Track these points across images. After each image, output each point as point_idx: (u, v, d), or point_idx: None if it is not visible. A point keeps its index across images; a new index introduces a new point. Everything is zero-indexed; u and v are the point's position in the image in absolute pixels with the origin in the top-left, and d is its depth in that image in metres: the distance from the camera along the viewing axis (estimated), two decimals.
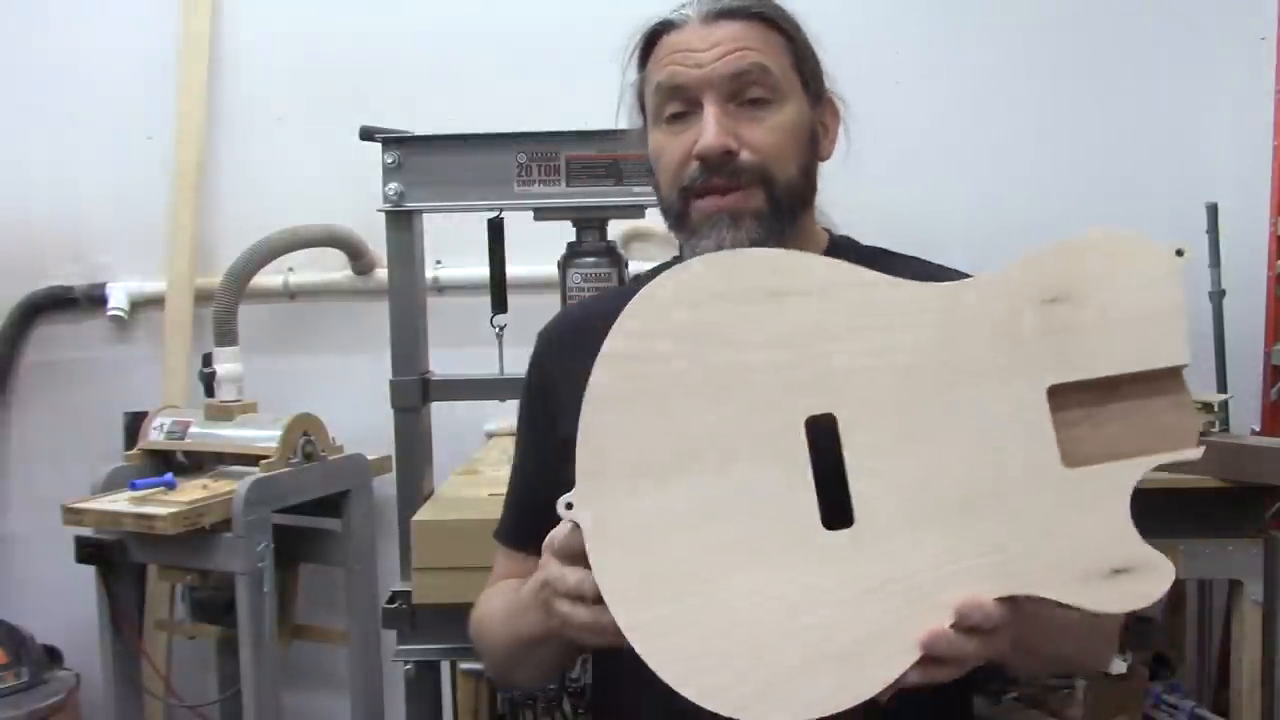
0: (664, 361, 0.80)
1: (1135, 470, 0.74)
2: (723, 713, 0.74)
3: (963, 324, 0.77)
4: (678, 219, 1.02)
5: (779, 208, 0.99)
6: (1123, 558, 0.73)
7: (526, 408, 1.17)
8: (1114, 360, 0.75)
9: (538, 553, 0.92)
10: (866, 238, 1.12)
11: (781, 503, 0.77)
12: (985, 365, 0.76)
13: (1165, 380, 0.74)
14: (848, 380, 0.77)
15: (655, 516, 0.78)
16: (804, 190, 1.02)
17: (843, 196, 1.11)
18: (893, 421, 0.76)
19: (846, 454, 0.77)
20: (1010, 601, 0.74)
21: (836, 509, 0.77)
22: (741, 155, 0.97)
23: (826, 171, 1.07)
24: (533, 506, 1.03)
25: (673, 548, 0.77)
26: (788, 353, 0.78)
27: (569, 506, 0.80)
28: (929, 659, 0.74)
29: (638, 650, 0.76)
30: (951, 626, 0.73)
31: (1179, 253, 0.75)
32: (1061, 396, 0.75)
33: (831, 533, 0.76)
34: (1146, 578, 0.73)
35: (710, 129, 0.96)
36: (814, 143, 1.03)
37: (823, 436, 0.78)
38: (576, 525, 0.80)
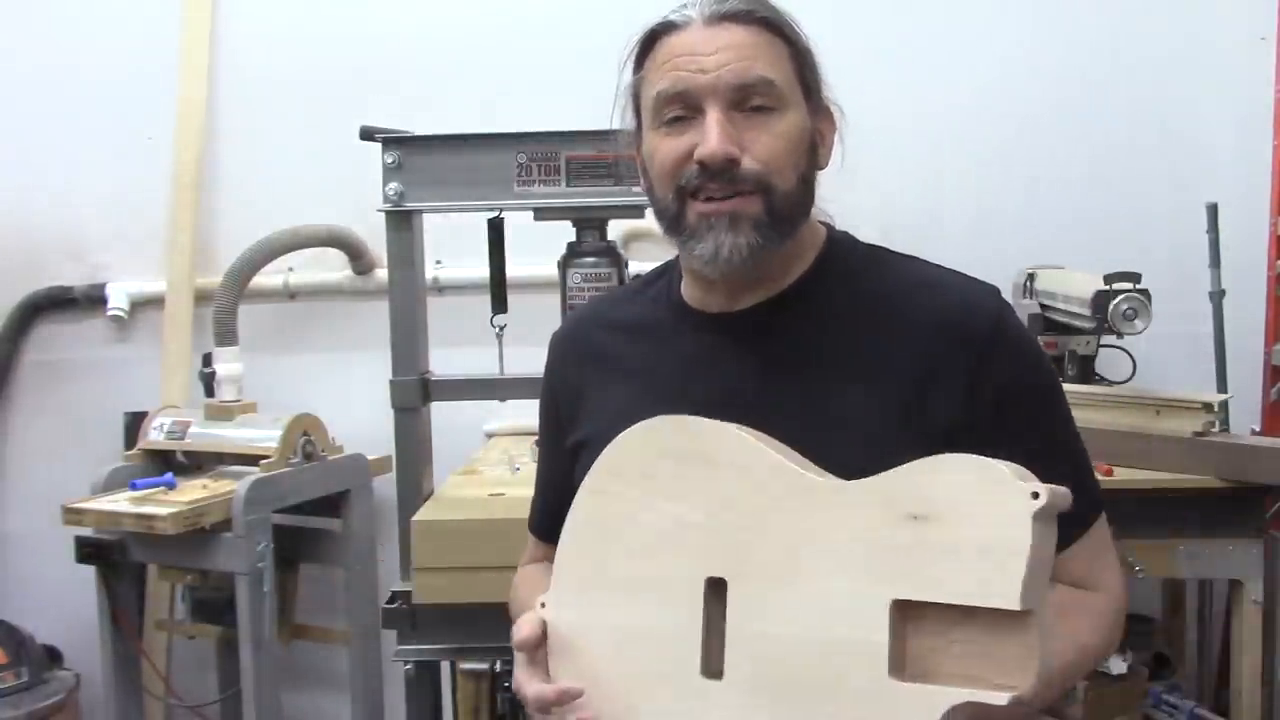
0: (623, 502, 0.94)
1: (948, 696, 0.75)
2: None
3: (841, 521, 0.82)
4: (673, 221, 1.01)
5: (777, 217, 0.98)
6: None
7: (542, 416, 1.21)
8: (953, 590, 0.76)
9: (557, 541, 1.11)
10: (862, 236, 1.11)
11: (677, 646, 0.88)
12: (848, 565, 0.81)
13: (1014, 618, 0.74)
14: (744, 550, 0.86)
15: (594, 633, 0.94)
16: (802, 200, 1.01)
17: (839, 196, 1.11)
18: (770, 594, 0.85)
19: (729, 616, 0.86)
20: None
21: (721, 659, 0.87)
22: (743, 163, 0.96)
23: (823, 171, 1.06)
24: (551, 504, 1.16)
25: (602, 664, 0.92)
26: (705, 516, 0.89)
27: (543, 605, 0.97)
28: None
29: None
30: None
31: (1034, 495, 0.74)
32: (915, 610, 0.78)
33: (705, 680, 0.86)
34: None
35: (713, 135, 0.95)
36: (813, 152, 1.02)
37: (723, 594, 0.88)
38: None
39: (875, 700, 0.77)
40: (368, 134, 1.78)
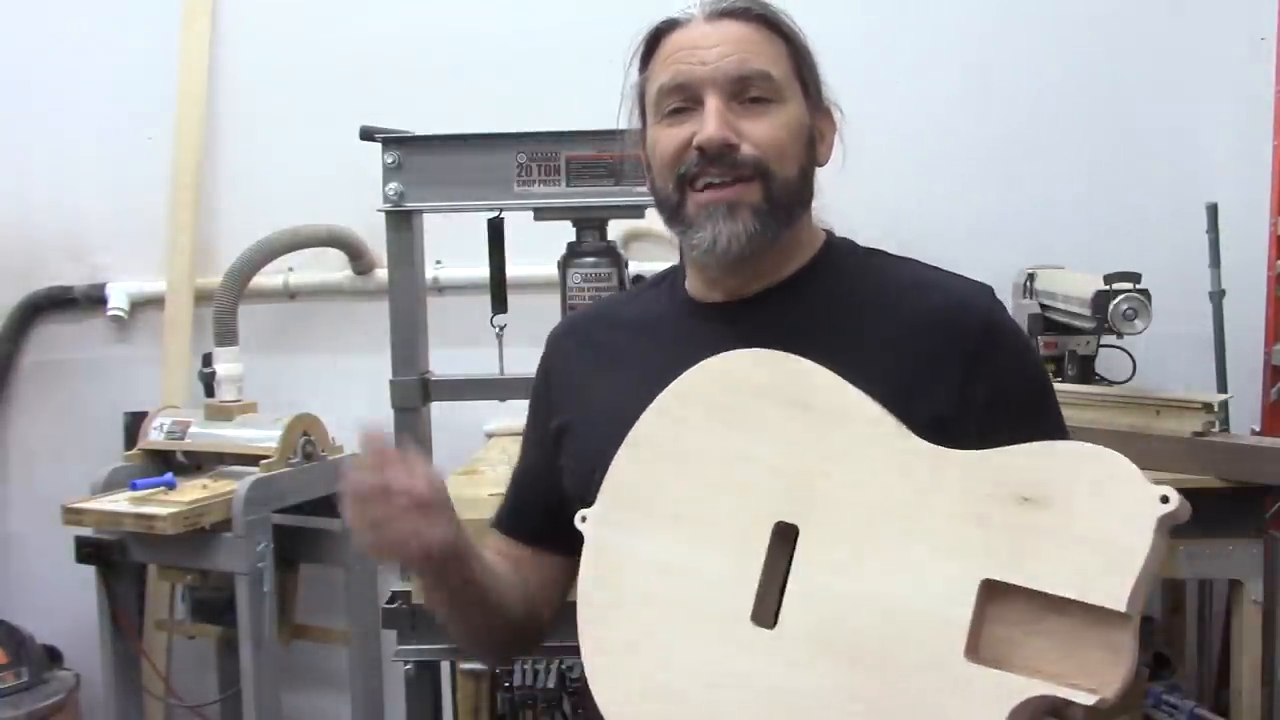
0: (693, 430, 0.89)
1: (1025, 689, 0.72)
2: None
3: (938, 491, 0.79)
4: (673, 210, 1.02)
5: (776, 205, 0.99)
6: None
7: (531, 407, 1.21)
8: (1056, 579, 0.72)
9: (530, 540, 1.13)
10: (862, 237, 1.12)
11: (728, 587, 0.83)
12: (940, 536, 0.77)
13: (1111, 620, 0.71)
14: (824, 501, 0.82)
15: (637, 558, 0.89)
16: (802, 191, 1.03)
17: (838, 196, 1.11)
18: (844, 551, 0.81)
19: (795, 565, 0.82)
20: None
21: (773, 608, 0.84)
22: (742, 149, 0.98)
23: (822, 172, 1.07)
24: (525, 499, 1.18)
25: (640, 590, 0.88)
26: (788, 459, 0.84)
27: (583, 520, 0.93)
28: None
29: (585, 664, 0.88)
30: None
31: (1164, 499, 0.71)
32: (1003, 593, 0.75)
33: (754, 628, 0.82)
34: None
35: (712, 121, 0.97)
36: (812, 146, 1.04)
37: (790, 541, 0.84)
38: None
39: (945, 678, 0.74)
40: (368, 134, 1.78)
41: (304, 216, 2.45)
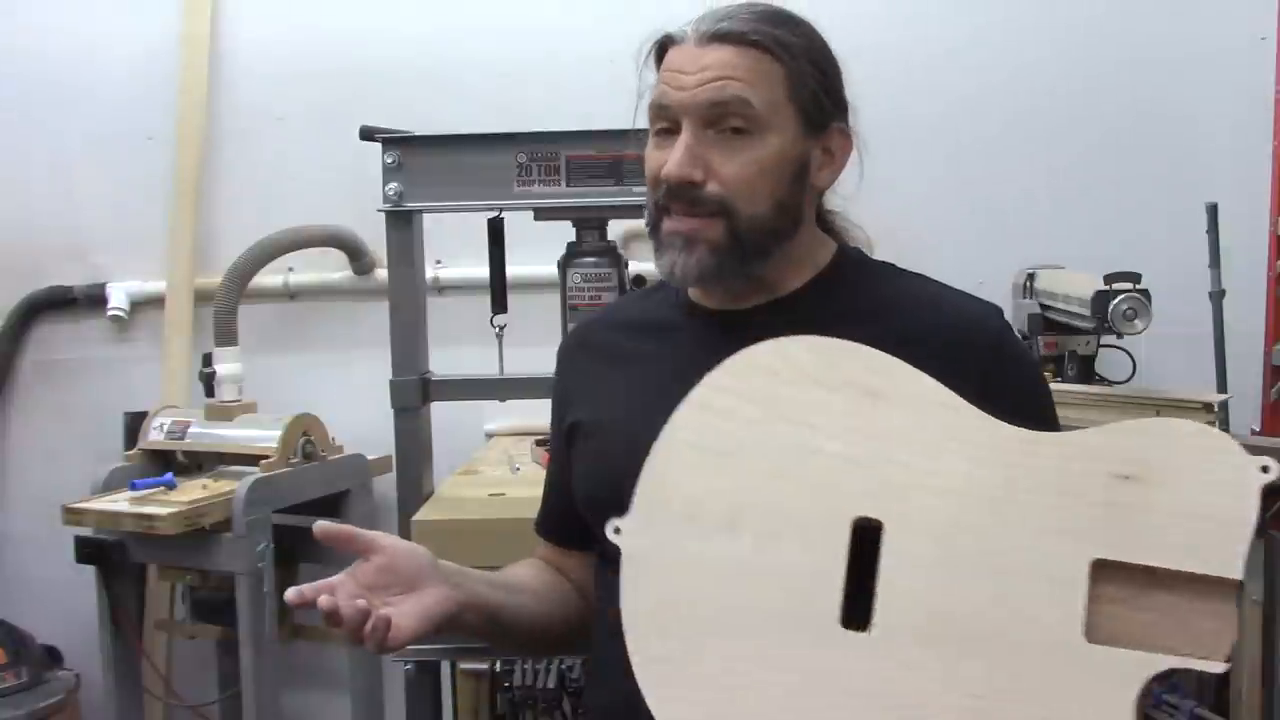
0: (745, 425, 0.84)
1: (1152, 665, 0.72)
2: None
3: (1031, 474, 0.78)
4: (652, 229, 1.04)
5: (739, 241, 0.99)
6: None
7: (552, 415, 1.22)
8: (1166, 553, 0.74)
9: (563, 543, 1.18)
10: (867, 243, 1.12)
11: (810, 589, 0.80)
12: (1039, 520, 0.77)
13: (1215, 587, 0.73)
14: (906, 493, 0.80)
15: (692, 563, 0.83)
16: (776, 224, 1.01)
17: (839, 196, 1.12)
18: (935, 544, 0.79)
19: (883, 562, 0.79)
20: None
21: (857, 607, 0.80)
22: (707, 186, 0.97)
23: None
24: (555, 505, 1.20)
25: (698, 596, 0.82)
26: (860, 451, 0.81)
27: (617, 531, 0.86)
28: None
29: (637, 677, 0.82)
30: None
31: (1264, 469, 0.72)
32: (1109, 571, 0.75)
33: (846, 631, 0.79)
34: None
35: (675, 156, 0.97)
36: (801, 174, 1.02)
37: (867, 538, 0.81)
38: None
39: (1068, 660, 0.74)
40: (368, 134, 1.77)
41: (304, 216, 2.45)
